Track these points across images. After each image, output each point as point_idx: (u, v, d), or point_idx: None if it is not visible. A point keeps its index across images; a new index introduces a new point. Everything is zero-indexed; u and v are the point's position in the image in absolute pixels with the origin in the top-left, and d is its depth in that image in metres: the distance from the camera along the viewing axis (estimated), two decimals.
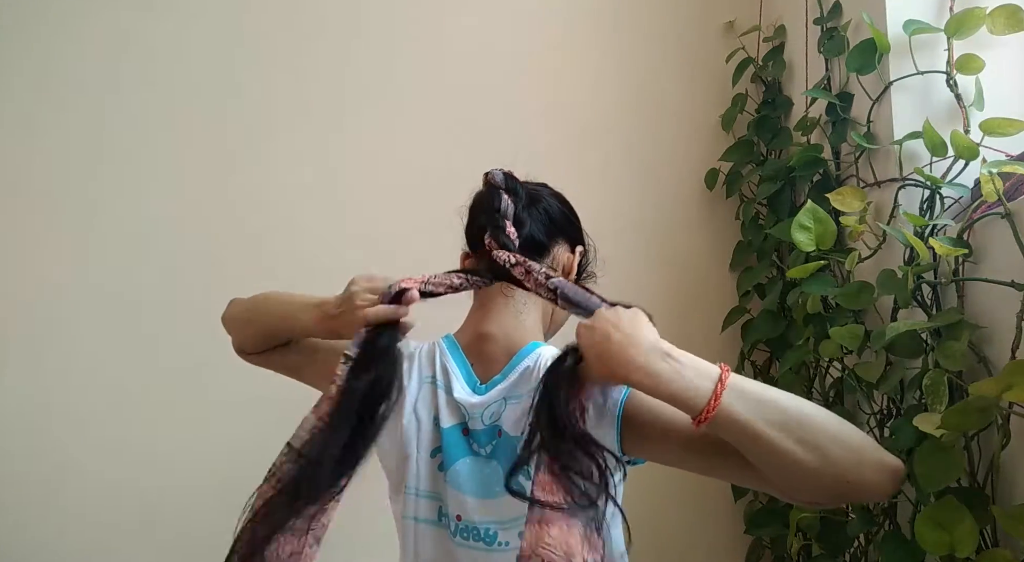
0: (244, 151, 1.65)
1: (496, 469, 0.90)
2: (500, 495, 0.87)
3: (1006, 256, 0.96)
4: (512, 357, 0.93)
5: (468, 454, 0.91)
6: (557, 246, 1.00)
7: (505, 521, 0.88)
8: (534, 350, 0.93)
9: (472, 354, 0.96)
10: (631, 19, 1.77)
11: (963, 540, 0.89)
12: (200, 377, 1.57)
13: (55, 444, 1.54)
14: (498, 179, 0.95)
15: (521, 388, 0.90)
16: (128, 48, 1.63)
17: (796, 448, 0.71)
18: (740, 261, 1.70)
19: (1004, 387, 0.80)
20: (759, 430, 0.72)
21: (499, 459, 0.90)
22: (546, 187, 1.04)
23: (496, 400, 0.91)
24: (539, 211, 0.98)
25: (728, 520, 1.67)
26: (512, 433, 0.89)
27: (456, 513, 0.89)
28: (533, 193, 1.00)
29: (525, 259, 0.89)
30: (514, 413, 0.90)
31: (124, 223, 1.60)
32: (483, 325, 0.96)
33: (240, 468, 1.59)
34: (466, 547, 0.89)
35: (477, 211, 0.98)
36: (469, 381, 0.94)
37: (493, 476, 0.89)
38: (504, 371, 0.92)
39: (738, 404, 0.73)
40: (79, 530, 1.53)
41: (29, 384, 1.54)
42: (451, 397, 0.92)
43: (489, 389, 0.92)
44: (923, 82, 1.20)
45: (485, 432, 0.91)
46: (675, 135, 1.76)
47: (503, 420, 0.90)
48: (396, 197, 1.62)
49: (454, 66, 1.72)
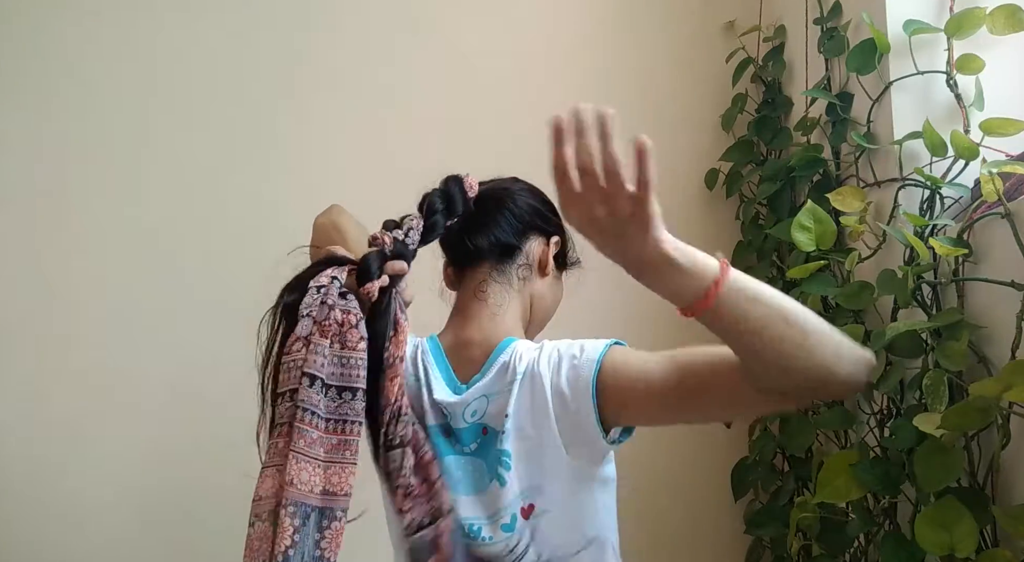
0: (244, 151, 1.64)
1: (480, 466, 0.90)
2: (484, 489, 0.89)
3: (1006, 256, 0.96)
4: (489, 355, 0.94)
5: (451, 452, 0.92)
6: (529, 241, 1.00)
7: (491, 515, 0.89)
8: (509, 345, 0.94)
9: (453, 357, 0.97)
10: (631, 19, 1.77)
11: (963, 540, 0.89)
12: (201, 376, 1.57)
13: (55, 444, 1.53)
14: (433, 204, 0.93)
15: (499, 383, 0.91)
16: (129, 47, 1.63)
17: (788, 329, 0.71)
18: (740, 261, 1.70)
19: (1004, 387, 0.80)
20: (759, 308, 0.71)
21: (483, 456, 0.91)
22: (517, 181, 1.03)
23: (476, 397, 0.92)
24: (503, 214, 0.98)
25: (728, 520, 1.67)
26: (495, 428, 0.90)
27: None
28: (496, 194, 0.99)
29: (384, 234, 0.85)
30: (494, 408, 0.90)
31: (124, 223, 1.59)
32: (463, 331, 0.97)
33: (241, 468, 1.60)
34: (463, 543, 0.89)
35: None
36: (449, 382, 0.95)
37: (477, 472, 0.90)
38: (483, 369, 0.93)
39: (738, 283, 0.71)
40: (81, 531, 1.53)
41: (29, 385, 1.54)
42: (432, 398, 0.93)
43: (468, 388, 0.93)
44: (923, 82, 1.20)
45: (468, 430, 0.92)
46: (675, 135, 1.76)
47: (487, 417, 0.91)
48: (396, 197, 1.60)
49: (454, 66, 1.72)
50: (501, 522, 0.88)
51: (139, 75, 1.63)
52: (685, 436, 1.71)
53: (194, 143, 1.63)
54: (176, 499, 1.55)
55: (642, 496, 1.65)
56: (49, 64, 1.60)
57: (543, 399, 0.89)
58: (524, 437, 0.89)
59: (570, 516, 0.92)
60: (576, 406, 0.86)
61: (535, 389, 0.89)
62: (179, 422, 1.57)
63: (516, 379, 0.90)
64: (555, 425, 0.89)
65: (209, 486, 1.54)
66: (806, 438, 1.32)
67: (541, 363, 0.89)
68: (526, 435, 0.89)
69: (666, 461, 1.70)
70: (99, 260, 1.59)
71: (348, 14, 1.70)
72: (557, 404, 0.89)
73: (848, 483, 1.07)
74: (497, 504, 0.88)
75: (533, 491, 0.90)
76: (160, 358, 1.58)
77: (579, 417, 0.86)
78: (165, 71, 1.64)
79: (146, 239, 1.60)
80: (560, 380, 0.88)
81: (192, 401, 1.58)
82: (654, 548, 1.64)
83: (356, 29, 1.70)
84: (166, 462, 1.56)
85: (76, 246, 1.58)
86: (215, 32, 1.66)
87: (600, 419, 0.85)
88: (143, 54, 1.64)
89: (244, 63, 1.66)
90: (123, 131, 1.61)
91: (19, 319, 1.55)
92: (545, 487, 0.90)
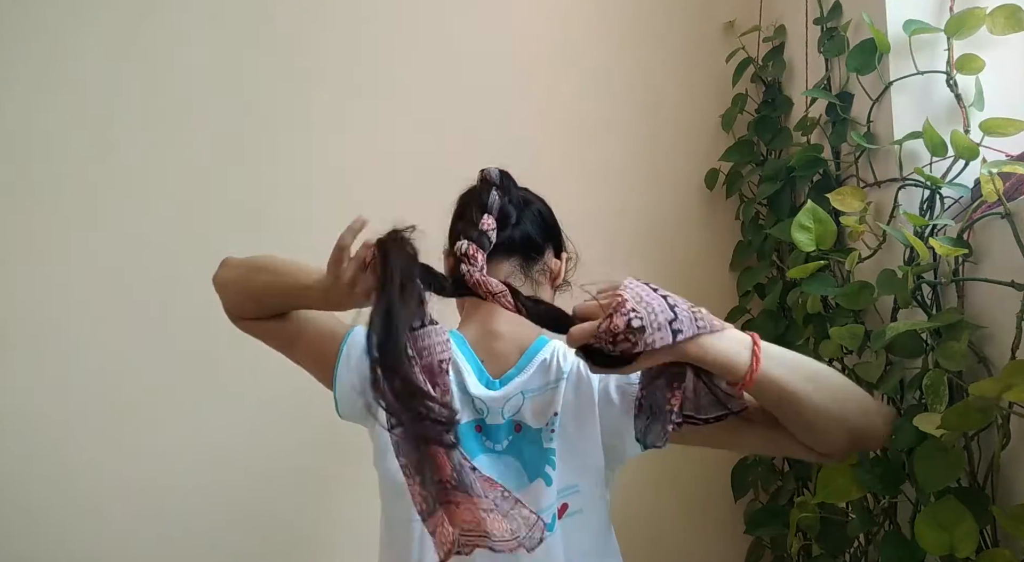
0: (245, 151, 1.64)
1: (512, 464, 0.90)
2: (523, 489, 0.88)
3: (1006, 256, 0.96)
4: (524, 352, 0.93)
5: (482, 451, 0.91)
6: (548, 250, 1.00)
7: None
8: (547, 343, 0.94)
9: (481, 351, 0.95)
10: (631, 19, 1.77)
11: (963, 540, 0.89)
12: (203, 374, 1.57)
13: (58, 443, 1.53)
14: (493, 175, 0.95)
15: (539, 380, 0.91)
16: (130, 47, 1.63)
17: (822, 399, 0.77)
18: (740, 261, 1.70)
19: (1004, 387, 0.80)
20: (794, 385, 0.76)
21: (515, 454, 0.90)
22: (530, 191, 1.04)
23: (514, 394, 0.91)
24: (533, 213, 0.99)
25: (728, 520, 1.67)
26: (534, 426, 0.90)
27: None
28: (526, 195, 1.00)
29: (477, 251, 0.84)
30: (535, 406, 0.90)
31: (126, 222, 1.59)
32: (490, 323, 0.96)
33: (245, 464, 1.60)
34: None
35: (463, 205, 0.97)
36: (481, 377, 0.94)
37: (510, 471, 0.89)
38: (519, 365, 0.93)
39: (772, 363, 0.76)
40: (85, 529, 1.53)
41: (31, 383, 1.54)
42: (465, 393, 0.92)
43: (504, 384, 0.92)
44: (923, 82, 1.20)
45: (503, 427, 0.91)
46: (675, 135, 1.76)
47: (522, 414, 0.90)
48: (396, 198, 1.61)
49: (454, 66, 1.72)
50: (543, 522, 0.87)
51: (139, 74, 1.63)
52: None
53: (194, 143, 1.63)
54: (182, 496, 1.55)
55: (642, 496, 1.65)
56: (48, 62, 1.60)
57: (589, 400, 0.90)
58: (566, 436, 0.90)
59: (596, 517, 0.93)
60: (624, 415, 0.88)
61: (581, 389, 0.89)
62: (183, 420, 1.57)
63: (562, 378, 0.90)
64: (599, 426, 0.89)
65: (215, 482, 1.54)
66: None
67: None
68: (568, 433, 0.90)
69: (666, 461, 1.70)
70: (103, 258, 1.59)
71: (350, 15, 1.70)
72: (604, 407, 0.89)
73: (848, 483, 1.07)
74: (539, 504, 0.87)
75: (570, 490, 0.89)
76: (163, 355, 1.58)
77: (624, 427, 0.87)
78: (165, 70, 1.64)
79: (149, 237, 1.60)
80: (609, 385, 0.90)
81: (196, 398, 1.58)
82: (654, 548, 1.64)
83: (358, 30, 1.70)
84: (170, 459, 1.56)
85: (79, 244, 1.58)
86: (214, 32, 1.66)
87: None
88: (143, 53, 1.64)
89: (244, 63, 1.66)
90: (123, 131, 1.61)
91: (21, 317, 1.55)
92: (581, 487, 0.90)
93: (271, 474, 1.56)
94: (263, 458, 1.56)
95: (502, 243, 0.94)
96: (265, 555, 1.54)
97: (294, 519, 1.56)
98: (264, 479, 1.55)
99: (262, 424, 1.58)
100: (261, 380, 1.55)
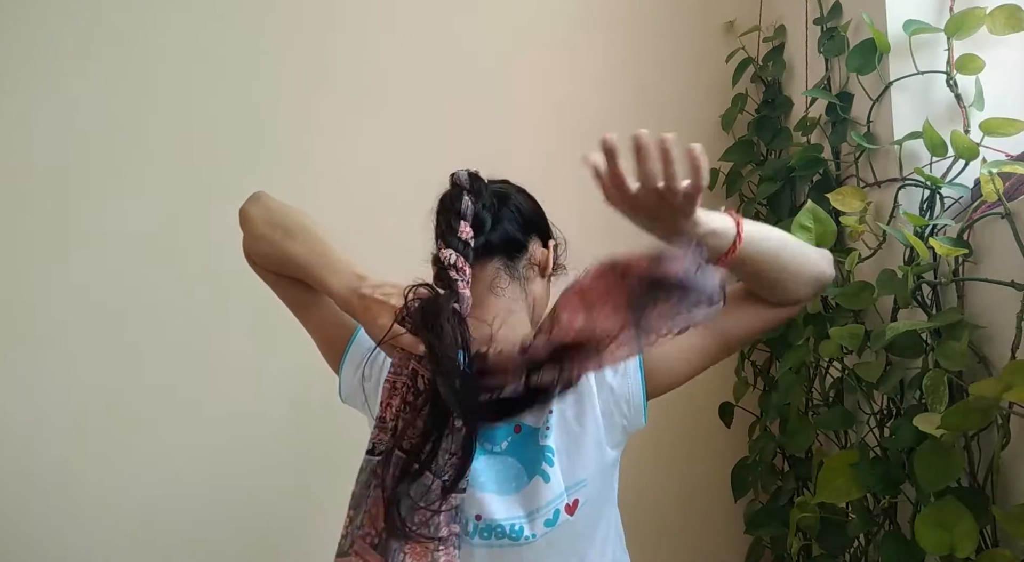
0: (245, 152, 1.65)
1: (512, 464, 0.90)
2: (523, 488, 0.88)
3: (1006, 256, 0.96)
4: None
5: (482, 453, 0.91)
6: (532, 242, 1.00)
7: (531, 512, 0.88)
8: None
9: None
10: (631, 19, 1.77)
11: (963, 540, 0.89)
12: (197, 382, 1.57)
13: (52, 450, 1.53)
14: (462, 179, 0.95)
15: None
16: (128, 47, 1.63)
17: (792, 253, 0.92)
18: None
19: (1004, 387, 0.80)
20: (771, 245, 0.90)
21: (515, 454, 0.90)
22: (509, 184, 1.04)
23: None
24: (510, 209, 0.99)
25: (728, 520, 1.67)
26: (533, 425, 0.90)
27: (475, 513, 0.87)
28: (500, 192, 1.00)
29: (465, 264, 0.87)
30: None
31: (122, 226, 1.60)
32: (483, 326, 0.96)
33: (238, 473, 1.60)
34: (487, 547, 0.87)
35: (439, 212, 0.97)
36: None
37: (511, 471, 0.90)
38: None
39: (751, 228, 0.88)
40: (77, 537, 1.53)
41: (24, 390, 1.54)
42: None
43: None
44: (923, 82, 1.20)
45: (501, 429, 0.91)
46: (675, 135, 1.76)
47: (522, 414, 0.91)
48: (396, 198, 1.61)
49: (454, 66, 1.72)
50: (543, 518, 0.87)
51: (138, 74, 1.63)
52: (685, 436, 1.72)
53: (193, 142, 1.63)
54: (174, 505, 1.55)
55: (642, 496, 1.65)
56: (47, 61, 1.60)
57: (589, 394, 0.90)
58: (568, 432, 0.90)
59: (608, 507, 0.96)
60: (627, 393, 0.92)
61: (579, 385, 0.90)
62: (176, 428, 1.57)
63: None
64: (600, 419, 0.90)
65: (207, 492, 1.54)
66: (806, 438, 1.32)
67: None
68: (570, 429, 0.90)
69: (666, 461, 1.70)
70: (97, 264, 1.59)
71: (351, 15, 1.70)
72: (603, 398, 0.91)
73: (848, 483, 1.07)
74: (539, 501, 0.87)
75: (578, 486, 0.90)
76: (157, 363, 1.58)
77: (630, 403, 0.92)
78: (164, 69, 1.64)
79: (144, 242, 1.60)
80: (604, 373, 0.92)
81: (189, 407, 1.58)
82: (654, 548, 1.64)
83: (358, 31, 1.70)
84: (162, 468, 1.56)
85: (72, 251, 1.58)
86: (214, 32, 1.66)
87: (645, 393, 0.92)
88: (143, 53, 1.64)
89: (244, 63, 1.67)
90: (123, 130, 1.61)
91: (14, 323, 1.55)
92: (588, 481, 0.90)
93: (271, 474, 1.56)
94: (261, 459, 1.56)
95: (481, 247, 0.95)
96: (265, 555, 1.54)
97: (294, 519, 1.56)
98: (264, 479, 1.55)
99: (260, 430, 1.58)
100: (258, 388, 1.54)
